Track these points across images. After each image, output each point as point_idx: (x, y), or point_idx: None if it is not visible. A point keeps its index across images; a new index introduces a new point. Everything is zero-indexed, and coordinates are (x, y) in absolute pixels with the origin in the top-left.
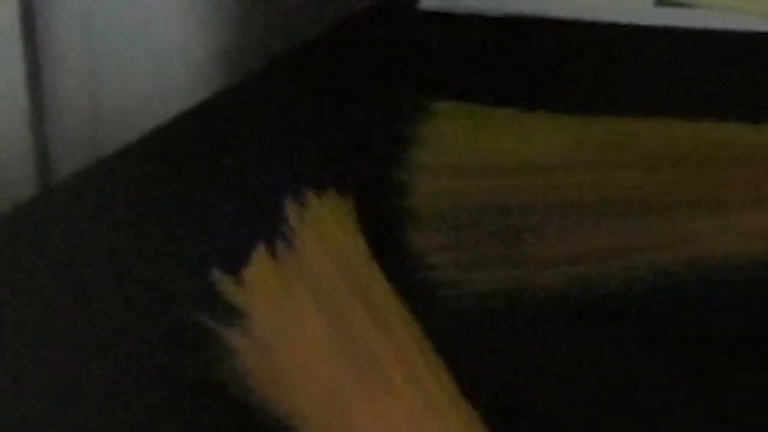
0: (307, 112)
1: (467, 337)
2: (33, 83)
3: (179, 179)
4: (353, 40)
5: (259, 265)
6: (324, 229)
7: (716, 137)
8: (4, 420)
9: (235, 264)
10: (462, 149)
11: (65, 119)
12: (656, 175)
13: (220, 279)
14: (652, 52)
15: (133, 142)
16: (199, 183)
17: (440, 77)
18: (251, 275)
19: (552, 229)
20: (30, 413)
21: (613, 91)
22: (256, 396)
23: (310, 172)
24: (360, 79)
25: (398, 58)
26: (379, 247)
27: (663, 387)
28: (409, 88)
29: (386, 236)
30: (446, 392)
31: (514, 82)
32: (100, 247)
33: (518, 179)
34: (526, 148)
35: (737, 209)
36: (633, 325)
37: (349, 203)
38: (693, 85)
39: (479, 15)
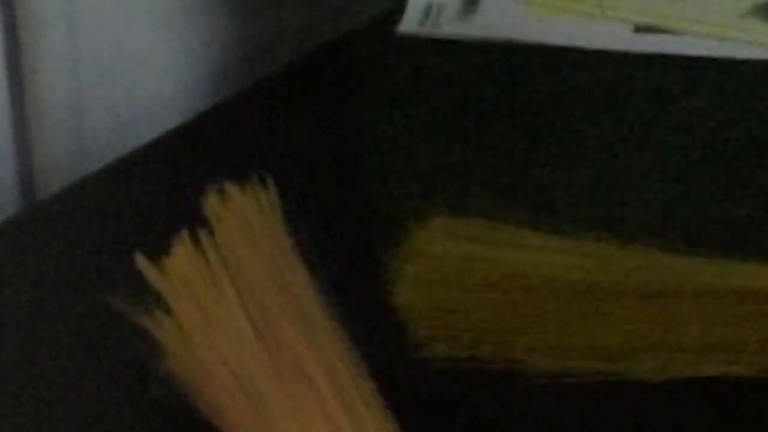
0: (286, 135)
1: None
2: (17, 104)
3: (161, 198)
4: (332, 65)
5: (181, 253)
6: (246, 219)
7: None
8: None
9: (158, 252)
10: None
11: (49, 140)
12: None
13: (146, 266)
14: (632, 78)
15: (116, 162)
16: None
17: (417, 102)
18: (173, 263)
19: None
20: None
21: (593, 116)
22: (179, 386)
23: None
24: (337, 103)
25: (376, 83)
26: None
27: None
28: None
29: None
30: (363, 393)
31: (491, 106)
32: (80, 265)
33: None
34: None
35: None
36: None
37: (273, 196)
38: (673, 112)
39: (457, 40)
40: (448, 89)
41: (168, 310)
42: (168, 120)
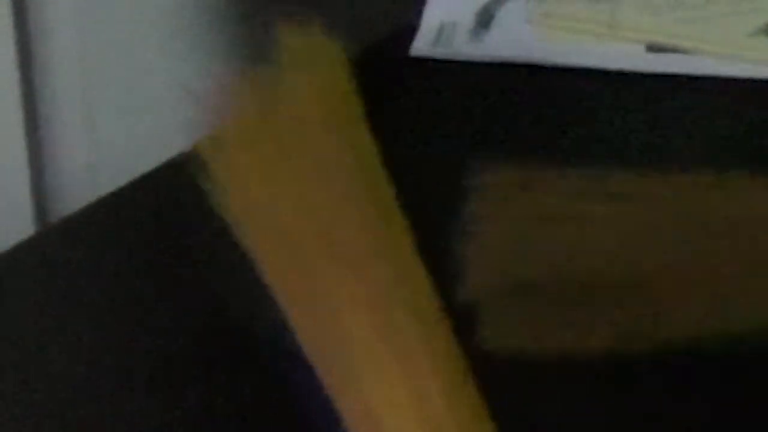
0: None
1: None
2: (31, 127)
3: (176, 219)
4: None
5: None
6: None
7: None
8: None
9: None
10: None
11: (62, 163)
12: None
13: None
14: (644, 98)
15: (129, 184)
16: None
17: (431, 123)
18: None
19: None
20: None
21: (606, 137)
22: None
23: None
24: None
25: (389, 105)
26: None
27: None
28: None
29: None
30: (418, 282)
31: (503, 127)
32: (94, 287)
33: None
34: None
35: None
36: (678, 384)
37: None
38: (685, 131)
39: (469, 61)
40: (459, 109)
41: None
42: (179, 142)
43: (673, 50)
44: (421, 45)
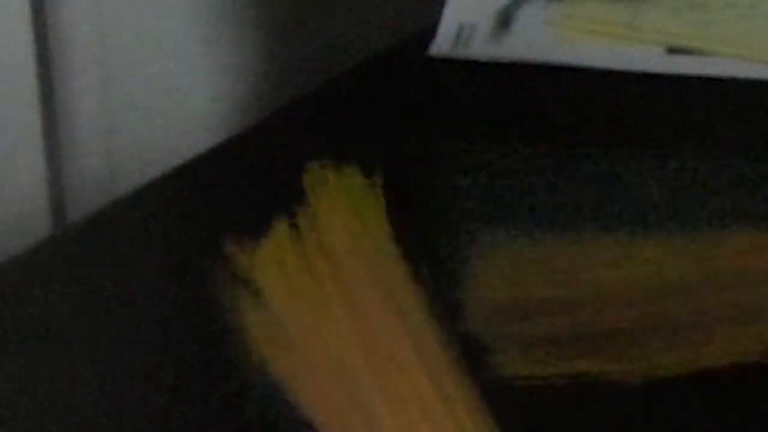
0: (318, 157)
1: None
2: (48, 128)
3: (191, 222)
4: (362, 88)
5: (276, 238)
6: (347, 205)
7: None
8: None
9: (251, 236)
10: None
11: (80, 164)
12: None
13: (234, 252)
14: (664, 99)
15: (146, 185)
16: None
17: (450, 124)
18: (268, 249)
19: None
20: None
21: (625, 138)
22: (265, 371)
23: (333, 144)
24: (369, 127)
25: (408, 105)
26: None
27: None
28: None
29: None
30: (462, 388)
31: (523, 128)
32: (111, 288)
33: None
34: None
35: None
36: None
37: (376, 181)
38: (705, 133)
39: (488, 62)
40: (478, 110)
41: (258, 297)
42: (198, 143)
43: (693, 52)
44: (440, 46)
